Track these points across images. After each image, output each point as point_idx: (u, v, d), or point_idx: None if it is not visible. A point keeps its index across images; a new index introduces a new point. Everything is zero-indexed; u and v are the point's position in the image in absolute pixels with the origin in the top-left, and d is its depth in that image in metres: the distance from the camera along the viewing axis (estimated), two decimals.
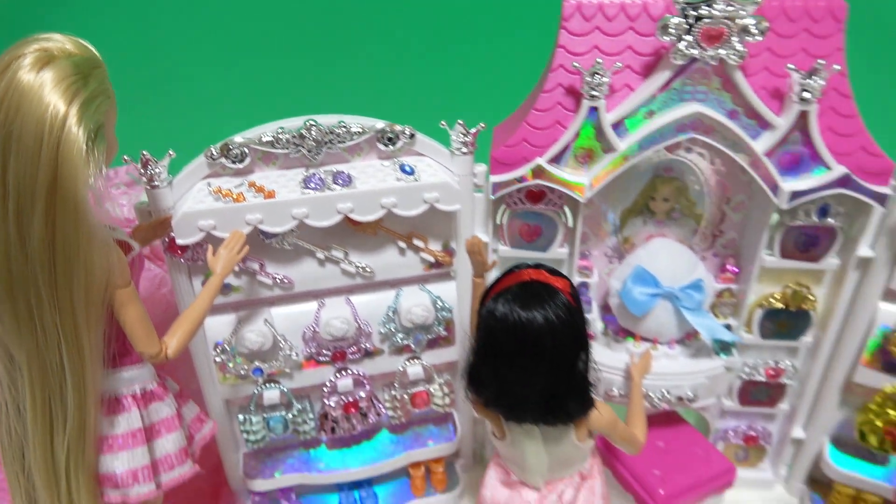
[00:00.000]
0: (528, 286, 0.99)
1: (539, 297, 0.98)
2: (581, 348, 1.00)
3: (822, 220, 1.28)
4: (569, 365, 0.99)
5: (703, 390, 1.45)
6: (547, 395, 1.00)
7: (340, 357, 1.41)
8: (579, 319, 1.00)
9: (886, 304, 1.35)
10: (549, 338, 0.96)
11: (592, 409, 1.09)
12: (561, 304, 0.98)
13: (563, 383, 1.00)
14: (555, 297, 0.98)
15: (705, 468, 1.49)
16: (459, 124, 1.25)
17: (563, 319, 0.97)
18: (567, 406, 1.03)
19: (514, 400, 1.03)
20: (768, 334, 1.45)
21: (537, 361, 0.98)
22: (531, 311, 0.96)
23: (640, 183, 1.40)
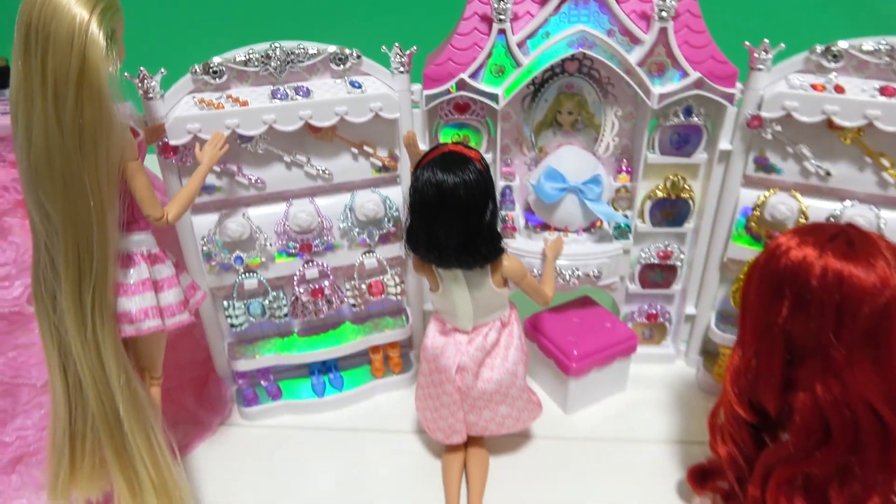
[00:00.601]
0: (448, 156, 1.30)
1: (456, 163, 1.28)
2: (488, 202, 1.31)
3: (688, 118, 1.61)
4: (479, 215, 1.30)
5: (606, 269, 1.78)
6: (464, 240, 1.31)
7: (307, 248, 1.70)
8: (487, 180, 1.31)
9: (746, 189, 1.69)
10: (462, 193, 1.27)
11: (502, 256, 1.40)
12: (473, 168, 1.29)
13: (475, 230, 1.31)
14: (468, 163, 1.29)
15: (612, 335, 1.81)
16: (396, 46, 1.55)
17: (475, 179, 1.28)
18: (480, 249, 1.34)
19: (440, 248, 1.34)
20: (657, 222, 1.78)
21: (455, 213, 1.28)
22: (449, 174, 1.27)
23: (548, 101, 1.72)
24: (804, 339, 1.23)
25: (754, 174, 1.65)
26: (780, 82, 1.53)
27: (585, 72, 1.66)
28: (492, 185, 1.33)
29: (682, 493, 1.62)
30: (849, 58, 1.48)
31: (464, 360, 1.50)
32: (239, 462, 1.76)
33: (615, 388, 1.90)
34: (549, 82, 1.68)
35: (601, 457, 1.73)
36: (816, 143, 1.56)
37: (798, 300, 1.21)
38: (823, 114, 1.46)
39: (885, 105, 1.41)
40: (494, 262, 1.39)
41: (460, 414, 1.55)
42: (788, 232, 1.27)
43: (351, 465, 1.74)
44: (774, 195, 1.63)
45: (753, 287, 1.30)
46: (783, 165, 1.61)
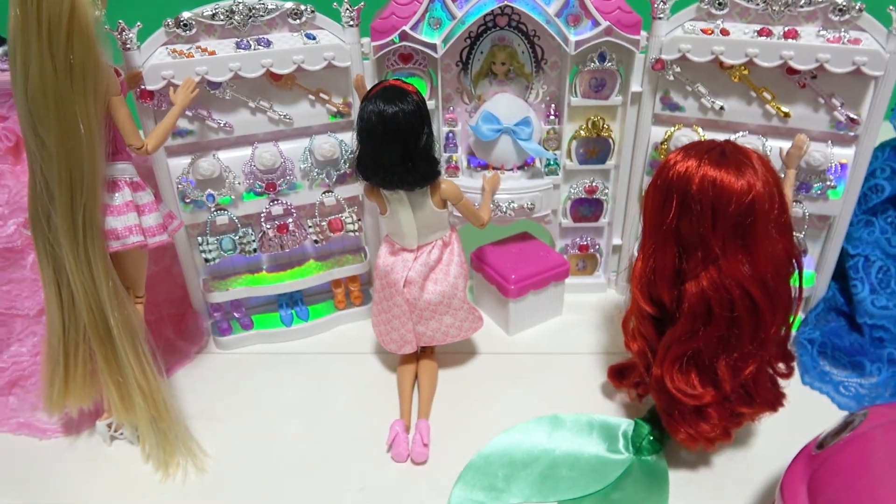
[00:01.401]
0: (388, 89, 1.52)
1: (395, 95, 1.50)
2: (424, 128, 1.53)
3: (603, 64, 1.85)
4: (416, 139, 1.52)
5: (538, 202, 2.01)
6: (405, 161, 1.53)
7: (272, 188, 1.91)
8: (423, 109, 1.53)
9: (656, 126, 1.94)
10: (401, 119, 1.49)
11: (440, 180, 1.62)
12: (410, 99, 1.51)
13: (414, 152, 1.53)
14: (406, 95, 1.51)
15: (546, 262, 2.05)
16: (346, 2, 1.76)
17: (412, 109, 1.50)
18: (419, 169, 1.56)
19: (384, 170, 1.55)
20: (583, 160, 2.02)
21: (395, 137, 1.50)
22: (389, 104, 1.49)
23: (483, 52, 1.95)
24: (689, 236, 1.47)
25: (662, 112, 1.90)
26: (676, 29, 1.78)
27: (514, 25, 1.90)
28: (427, 114, 1.55)
29: (607, 391, 1.87)
30: (732, 6, 1.73)
31: (411, 275, 1.72)
32: (215, 384, 1.96)
33: (552, 312, 2.14)
34: (483, 35, 1.91)
35: (538, 367, 1.97)
36: (711, 82, 1.81)
37: (682, 203, 1.45)
38: (712, 54, 1.72)
39: (762, 44, 1.67)
40: (433, 184, 1.61)
41: (410, 325, 1.77)
42: (676, 149, 1.51)
43: (316, 384, 1.95)
44: (678, 130, 1.88)
45: (649, 198, 1.54)
46: (685, 104, 1.86)
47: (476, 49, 1.94)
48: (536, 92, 2.00)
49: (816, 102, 1.73)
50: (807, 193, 1.82)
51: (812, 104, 1.74)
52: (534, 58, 1.94)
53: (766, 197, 1.40)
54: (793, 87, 1.74)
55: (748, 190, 1.39)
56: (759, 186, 1.40)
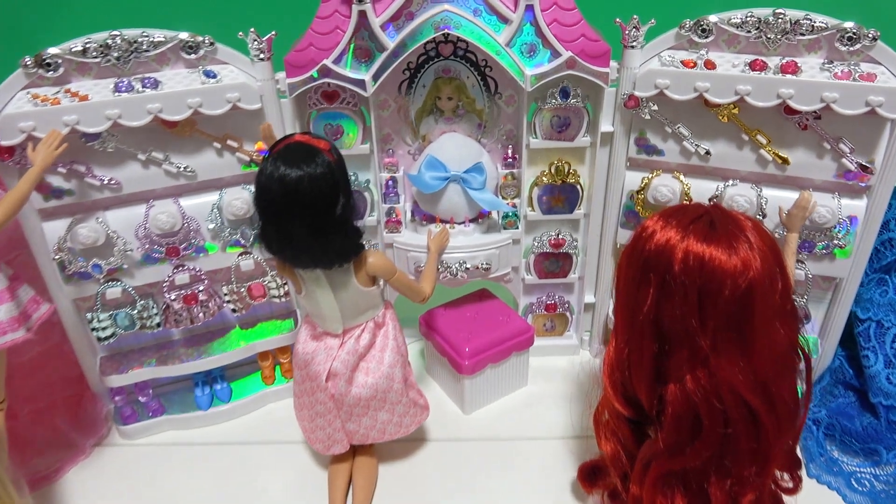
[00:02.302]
0: (292, 147, 1.21)
1: (300, 155, 1.19)
2: (338, 196, 1.22)
3: (566, 101, 1.55)
4: (328, 210, 1.21)
5: (495, 260, 1.71)
6: (315, 237, 1.22)
7: (174, 253, 1.59)
8: (337, 172, 1.22)
9: (631, 172, 1.64)
10: (307, 187, 1.18)
11: (366, 253, 1.32)
12: (320, 160, 1.20)
13: (326, 226, 1.22)
14: (315, 155, 1.20)
15: (506, 329, 1.75)
16: (252, 32, 1.45)
17: (321, 172, 1.19)
18: (334, 247, 1.25)
19: (294, 247, 1.25)
20: (547, 209, 1.72)
21: (301, 209, 1.19)
22: (293, 167, 1.18)
23: (426, 86, 1.64)
24: (671, 327, 1.17)
25: (637, 157, 1.60)
26: (653, 60, 1.48)
27: (461, 55, 1.59)
28: (344, 176, 1.24)
29: (578, 491, 1.57)
30: (718, 32, 1.44)
31: (336, 366, 1.41)
32: (116, 484, 1.64)
33: (516, 383, 1.84)
34: (424, 67, 1.61)
35: (498, 457, 1.67)
36: (694, 122, 1.51)
37: (662, 286, 1.15)
38: (695, 91, 1.42)
39: (755, 80, 1.38)
40: (356, 259, 1.31)
41: (338, 423, 1.46)
42: (655, 215, 1.22)
43: (237, 481, 1.64)
44: (657, 177, 1.59)
45: (622, 273, 1.25)
46: (664, 146, 1.56)
47: (417, 82, 1.63)
48: (491, 131, 1.70)
49: (821, 147, 1.44)
50: (810, 253, 1.53)
51: (815, 149, 1.45)
52: (486, 91, 1.64)
53: (767, 277, 1.11)
54: (792, 128, 1.45)
55: (744, 270, 1.10)
56: (758, 265, 1.10)
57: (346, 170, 1.26)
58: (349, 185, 1.26)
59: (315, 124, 1.59)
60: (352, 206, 1.26)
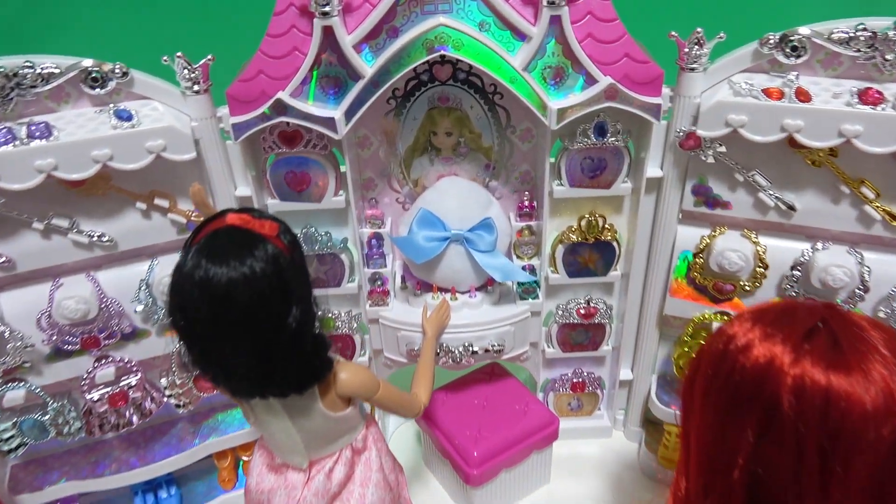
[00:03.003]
0: (223, 235, 0.84)
1: (234, 248, 0.82)
2: (293, 303, 0.85)
3: (602, 140, 1.17)
4: (276, 325, 0.84)
5: (510, 339, 1.34)
6: (260, 361, 0.85)
7: (93, 343, 1.22)
8: (290, 270, 0.84)
9: (685, 226, 1.27)
10: (243, 296, 0.80)
11: (336, 368, 0.95)
12: (263, 253, 0.82)
13: (274, 346, 0.85)
14: (254, 246, 0.82)
15: (524, 423, 1.38)
16: (179, 57, 1.07)
17: (263, 272, 0.81)
18: (287, 372, 0.88)
19: (226, 372, 0.88)
20: (575, 271, 1.35)
21: (236, 323, 0.82)
22: (221, 265, 0.80)
23: (417, 118, 1.27)
24: (776, 482, 0.81)
25: (695, 209, 1.23)
26: (720, 86, 1.11)
27: (462, 78, 1.22)
28: (299, 275, 0.87)
29: None
30: (814, 49, 1.05)
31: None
32: None
33: (535, 482, 1.48)
34: (415, 94, 1.24)
35: None
36: (775, 167, 1.14)
37: (766, 427, 0.78)
38: (783, 131, 1.05)
39: (867, 116, 1.00)
40: (321, 381, 0.94)
41: None
42: (745, 316, 0.84)
43: None
44: (721, 235, 1.22)
45: (698, 395, 0.88)
46: (732, 197, 1.19)
47: (406, 114, 1.26)
48: (502, 174, 1.32)
49: None
50: None
51: None
52: (496, 124, 1.27)
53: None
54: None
55: (888, 410, 0.74)
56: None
57: (303, 262, 0.89)
58: (308, 285, 0.89)
59: (273, 172, 1.22)
60: (312, 314, 0.89)
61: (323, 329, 0.93)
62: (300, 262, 0.87)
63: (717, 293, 1.26)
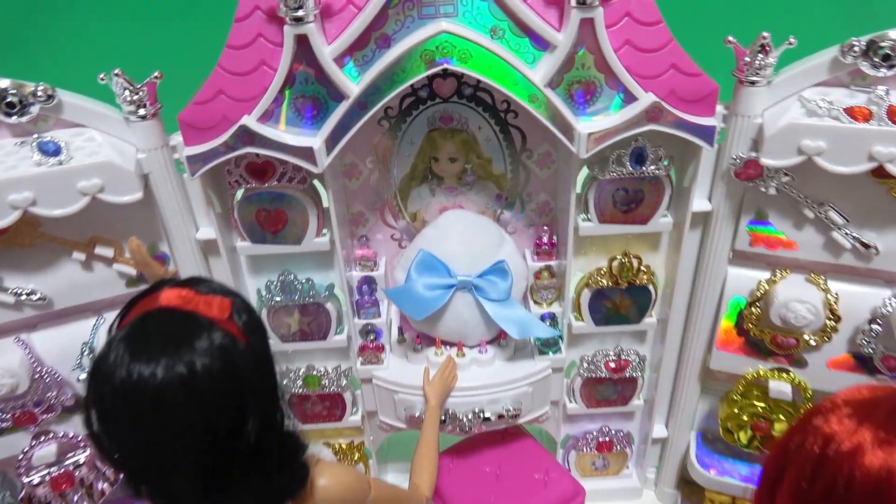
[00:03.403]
0: (154, 321, 0.63)
1: (167, 338, 0.61)
2: (251, 408, 0.64)
3: (640, 168, 0.97)
4: (230, 436, 0.63)
5: (527, 401, 1.13)
6: (207, 485, 0.64)
7: (28, 419, 1.02)
8: (246, 363, 0.63)
9: (737, 269, 1.07)
10: (181, 402, 0.60)
11: (313, 473, 0.74)
12: (207, 344, 0.61)
13: (227, 465, 0.64)
14: (196, 335, 0.61)
15: (545, 496, 1.17)
16: (117, 75, 0.86)
17: (208, 369, 0.60)
18: (245, 496, 0.67)
19: (161, 487, 0.67)
20: (603, 319, 1.14)
21: (172, 438, 0.61)
22: (149, 363, 0.59)
23: (414, 142, 1.06)
24: None
25: (750, 248, 1.02)
26: (788, 104, 0.90)
27: (469, 94, 1.01)
28: (260, 368, 0.65)
29: None
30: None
31: None
32: None
33: None
34: (412, 113, 1.03)
35: None
36: (852, 201, 0.93)
37: None
38: (872, 160, 0.84)
39: None
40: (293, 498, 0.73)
41: None
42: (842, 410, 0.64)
43: None
44: (783, 280, 1.01)
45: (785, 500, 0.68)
46: (798, 235, 0.98)
47: (401, 137, 1.05)
48: (516, 204, 1.12)
49: None
50: None
51: None
52: (509, 148, 1.06)
53: None
54: None
55: None
56: None
57: (266, 349, 0.67)
58: (272, 380, 0.67)
59: (242, 210, 1.01)
60: (278, 418, 0.68)
61: (294, 426, 0.72)
62: (261, 349, 0.66)
63: (776, 347, 1.05)
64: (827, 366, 1.06)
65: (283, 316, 1.12)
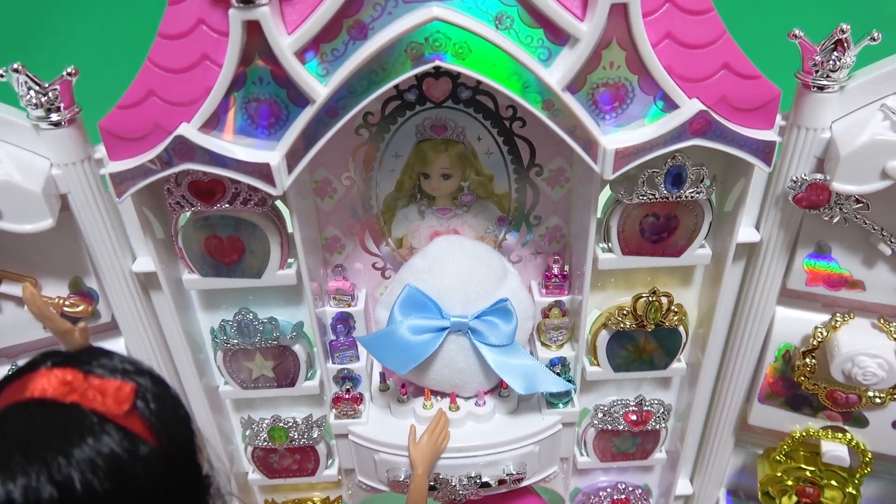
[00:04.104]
0: (20, 417, 0.44)
1: (36, 444, 0.43)
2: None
3: (677, 191, 0.79)
4: None
5: (532, 462, 0.95)
6: None
7: None
8: (151, 474, 0.45)
9: (787, 310, 0.89)
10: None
11: None
12: (92, 453, 0.43)
13: None
14: (78, 440, 0.43)
15: None
16: (17, 71, 0.68)
17: (88, 487, 0.42)
18: None
19: None
20: (623, 364, 0.96)
21: None
22: (6, 481, 0.41)
23: (399, 155, 0.87)
24: None
25: (806, 288, 0.85)
26: (863, 115, 0.72)
27: (467, 98, 0.83)
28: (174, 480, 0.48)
29: None
30: None
31: None
32: None
33: None
34: (396, 121, 0.84)
35: None
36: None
37: None
38: None
39: None
40: None
41: None
42: None
43: None
44: (846, 326, 0.84)
45: None
46: (867, 274, 0.81)
47: (383, 148, 0.87)
48: (521, 228, 0.94)
49: None
50: None
51: None
52: (514, 163, 0.88)
53: None
54: None
55: None
56: None
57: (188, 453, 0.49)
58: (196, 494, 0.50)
59: (187, 238, 0.83)
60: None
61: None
62: (179, 450, 0.48)
63: (832, 404, 0.88)
64: (894, 427, 0.88)
65: (243, 359, 0.94)
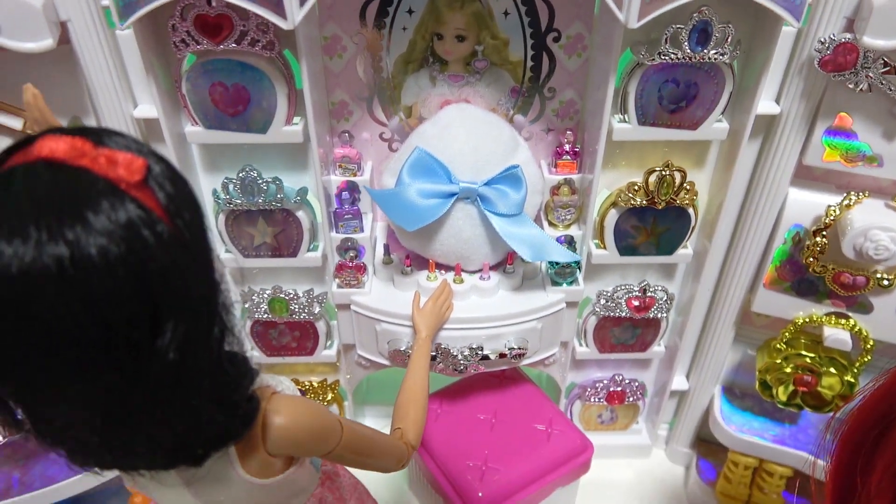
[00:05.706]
0: (29, 176, 0.42)
1: (48, 203, 0.41)
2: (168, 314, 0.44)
3: (702, 51, 0.76)
4: (132, 348, 0.43)
5: (534, 339, 0.95)
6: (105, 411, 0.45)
7: None
8: (163, 250, 0.43)
9: (800, 190, 0.88)
10: (59, 299, 0.40)
11: (263, 409, 0.56)
12: (105, 218, 0.41)
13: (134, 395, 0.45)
14: (92, 204, 0.41)
15: (548, 451, 1.01)
16: None
17: (105, 253, 0.40)
18: (162, 438, 0.48)
19: (44, 422, 0.48)
20: (630, 248, 0.95)
21: (48, 345, 0.41)
22: (15, 238, 0.39)
23: (413, 12, 0.84)
24: None
25: (823, 163, 0.83)
26: None
27: None
28: (187, 258, 0.45)
29: None
30: None
31: None
32: None
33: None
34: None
35: None
36: None
37: None
38: None
39: None
40: (235, 440, 0.55)
41: None
42: None
43: None
44: (860, 205, 0.83)
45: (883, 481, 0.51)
46: (886, 148, 0.80)
47: (395, 7, 0.84)
48: (533, 103, 0.91)
49: None
50: None
51: None
52: (531, 27, 0.85)
53: None
54: None
55: None
56: None
57: (200, 231, 0.47)
58: (207, 275, 0.48)
59: (192, 83, 0.80)
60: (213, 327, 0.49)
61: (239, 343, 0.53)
62: (192, 234, 0.46)
63: (839, 287, 0.88)
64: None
65: (245, 224, 0.92)
